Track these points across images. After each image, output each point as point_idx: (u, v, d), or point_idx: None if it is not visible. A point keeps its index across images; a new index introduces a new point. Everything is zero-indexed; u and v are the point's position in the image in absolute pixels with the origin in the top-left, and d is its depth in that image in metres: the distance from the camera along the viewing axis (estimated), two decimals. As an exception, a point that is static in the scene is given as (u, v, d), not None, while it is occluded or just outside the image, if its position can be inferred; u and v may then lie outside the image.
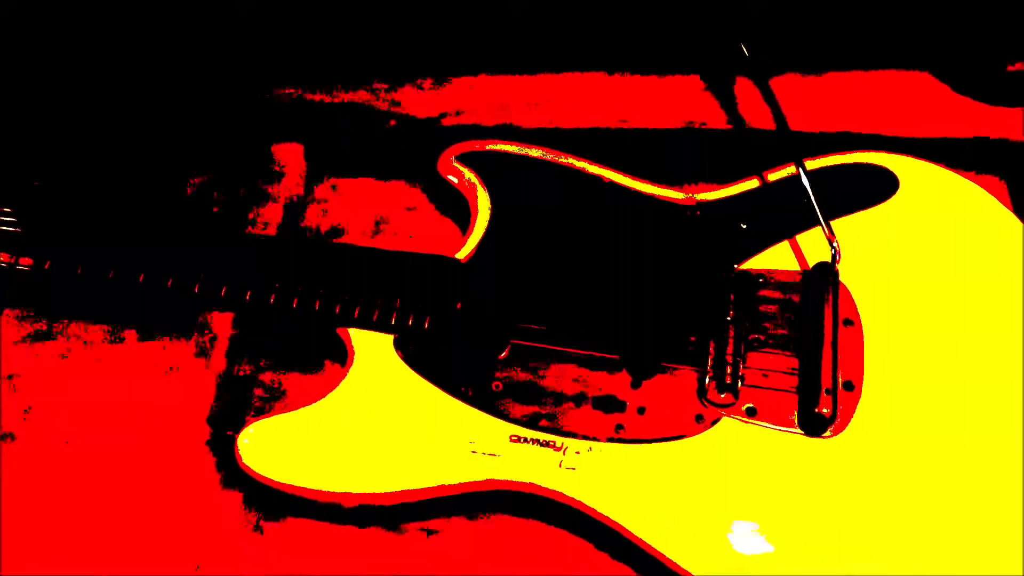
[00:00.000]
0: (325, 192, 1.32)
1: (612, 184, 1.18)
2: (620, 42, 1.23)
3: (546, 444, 1.00)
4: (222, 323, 1.13)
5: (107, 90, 1.30)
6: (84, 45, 1.30)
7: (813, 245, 1.11)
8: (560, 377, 1.04)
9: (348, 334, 1.09)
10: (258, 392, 1.14)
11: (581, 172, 1.19)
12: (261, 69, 1.29)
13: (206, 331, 1.12)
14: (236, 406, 1.12)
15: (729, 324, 1.05)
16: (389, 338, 1.08)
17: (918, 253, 1.10)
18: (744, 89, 1.23)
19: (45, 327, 1.21)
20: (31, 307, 1.22)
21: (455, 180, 1.21)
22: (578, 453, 0.99)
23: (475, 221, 1.17)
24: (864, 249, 1.10)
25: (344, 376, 1.06)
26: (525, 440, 1.00)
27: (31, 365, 1.19)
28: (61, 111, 1.31)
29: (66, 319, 1.21)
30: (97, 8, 1.25)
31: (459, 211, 1.24)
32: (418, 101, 1.27)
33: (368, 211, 1.31)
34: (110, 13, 1.25)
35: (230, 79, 1.29)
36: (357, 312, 1.08)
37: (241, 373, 1.14)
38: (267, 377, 1.15)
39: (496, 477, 0.99)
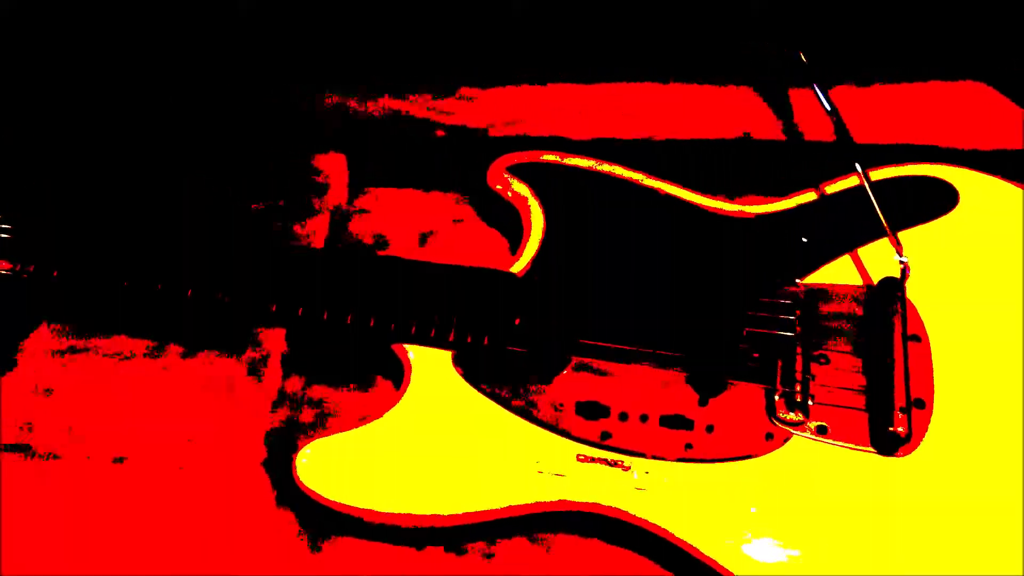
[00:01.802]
0: (368, 203, 1.29)
1: (667, 196, 1.16)
2: (674, 53, 1.21)
3: (614, 464, 0.98)
4: (274, 339, 1.10)
5: (147, 98, 1.28)
6: (122, 50, 1.28)
7: (875, 259, 1.09)
8: (625, 395, 1.02)
9: (405, 351, 1.07)
10: (312, 410, 1.12)
11: (635, 184, 1.18)
12: (305, 78, 1.27)
13: (258, 348, 1.10)
14: (290, 424, 1.09)
15: (796, 340, 1.03)
16: (447, 354, 1.06)
17: (981, 266, 1.09)
18: (798, 100, 1.22)
19: (84, 342, 1.19)
20: (71, 321, 1.20)
21: (505, 192, 1.19)
22: (647, 473, 0.97)
23: (528, 234, 1.15)
24: (926, 263, 1.09)
25: (402, 394, 1.04)
26: (592, 460, 0.99)
27: (71, 381, 1.17)
28: (97, 118, 1.29)
29: (107, 333, 1.19)
30: (141, 11, 1.23)
31: (507, 223, 1.22)
32: (467, 111, 1.26)
33: (413, 222, 1.28)
34: (156, 16, 1.23)
35: (274, 87, 1.27)
36: (414, 328, 1.06)
37: (294, 390, 1.12)
38: (321, 394, 1.13)
39: (563, 498, 0.97)
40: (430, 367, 1.06)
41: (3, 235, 1.14)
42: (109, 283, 1.12)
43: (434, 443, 1.01)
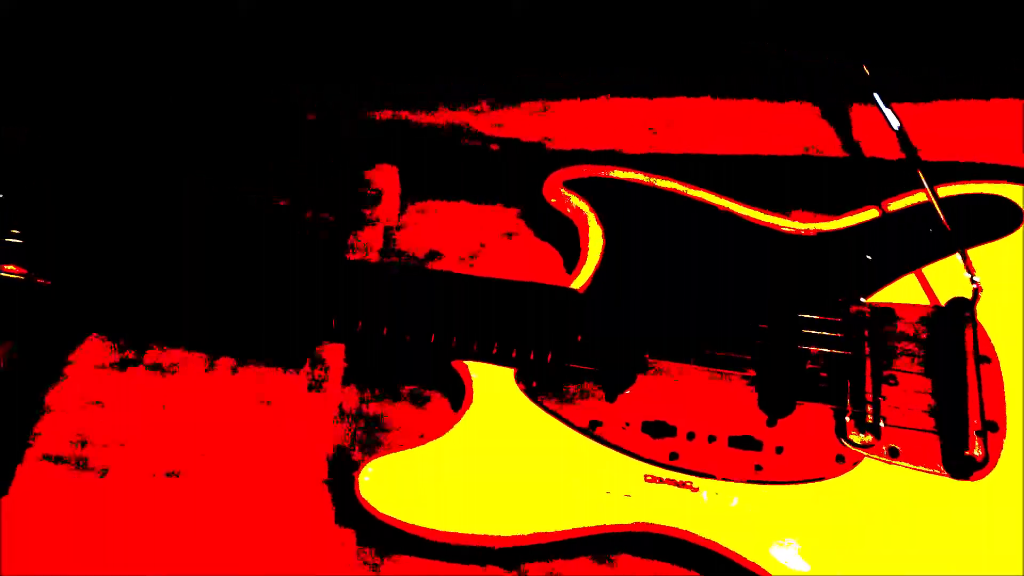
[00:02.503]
0: (420, 215, 1.28)
1: (727, 213, 1.15)
2: (733, 67, 1.20)
3: (682, 485, 0.97)
4: (334, 355, 1.09)
5: (204, 108, 1.27)
6: (172, 56, 1.28)
7: (940, 278, 1.08)
8: (691, 414, 1.01)
9: (466, 367, 1.06)
10: (371, 427, 1.10)
11: (694, 200, 1.16)
12: (356, 89, 1.26)
13: (318, 363, 1.09)
14: (350, 441, 1.08)
15: (866, 360, 1.02)
16: (509, 371, 1.05)
17: (1048, 286, 1.08)
18: (859, 116, 1.21)
19: (134, 355, 1.18)
20: (121, 333, 1.19)
21: (562, 206, 1.18)
22: (717, 494, 0.96)
23: (587, 250, 1.14)
24: (993, 283, 1.07)
25: (464, 411, 1.03)
26: (660, 480, 0.97)
27: (121, 394, 1.15)
28: (144, 125, 1.28)
29: (159, 345, 1.18)
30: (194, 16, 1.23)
31: (561, 238, 1.21)
32: (521, 124, 1.24)
33: (465, 236, 1.27)
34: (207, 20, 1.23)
35: (327, 99, 1.26)
36: (476, 345, 1.05)
37: (353, 407, 1.10)
38: (380, 411, 1.12)
39: (631, 519, 0.96)
40: (492, 384, 1.04)
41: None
42: (165, 296, 1.11)
43: (498, 461, 1.00)
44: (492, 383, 1.04)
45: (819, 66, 1.21)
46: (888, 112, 1.10)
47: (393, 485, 0.99)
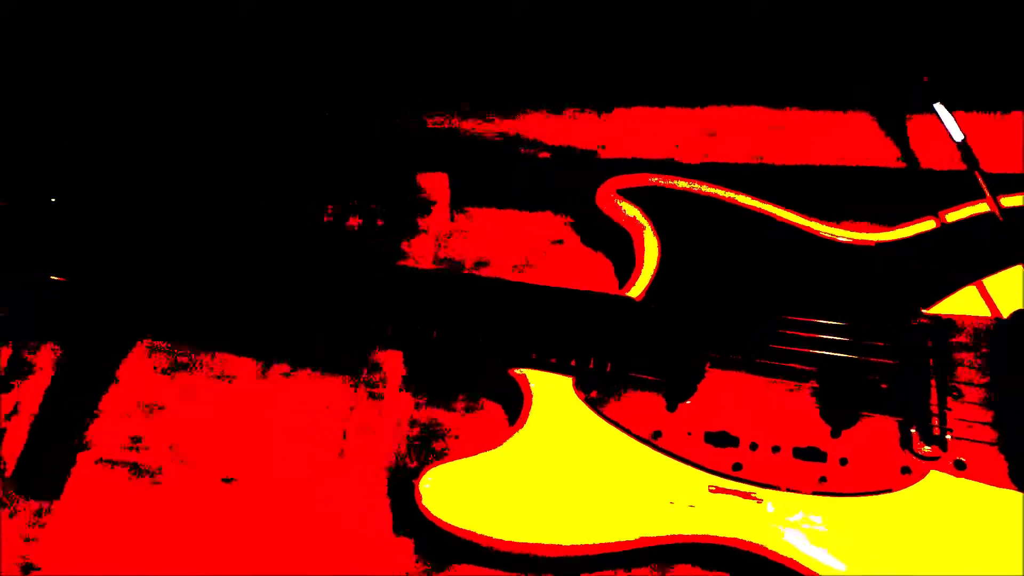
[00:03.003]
0: (469, 223, 1.28)
1: (784, 223, 1.15)
2: (791, 76, 1.20)
3: (747, 496, 0.96)
4: (392, 361, 1.09)
5: (251, 114, 1.27)
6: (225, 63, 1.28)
7: (1001, 290, 1.07)
8: (754, 425, 1.00)
9: (524, 376, 1.05)
10: (427, 435, 1.10)
11: (749, 210, 1.16)
12: (410, 96, 1.26)
13: (375, 370, 1.08)
14: (407, 449, 1.08)
15: (930, 372, 1.01)
16: (568, 380, 1.04)
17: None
18: (916, 126, 1.20)
19: (187, 359, 1.18)
20: (174, 337, 1.19)
21: (616, 214, 1.17)
22: (782, 506, 0.95)
23: (643, 259, 1.13)
24: (1054, 295, 1.07)
25: (524, 420, 1.03)
26: (724, 491, 0.97)
27: (174, 398, 1.15)
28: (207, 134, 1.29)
29: (211, 351, 1.18)
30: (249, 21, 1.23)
31: (612, 246, 1.21)
32: (573, 132, 1.24)
33: (514, 243, 1.27)
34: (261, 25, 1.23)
35: (380, 105, 1.26)
36: (535, 353, 1.05)
37: (409, 414, 1.10)
38: (436, 418, 1.11)
39: (696, 530, 0.95)
40: (551, 393, 1.04)
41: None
42: (218, 302, 1.11)
43: (558, 470, 0.99)
44: (551, 392, 1.04)
45: (877, 76, 1.20)
46: (951, 123, 1.09)
47: (454, 493, 0.98)
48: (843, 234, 1.14)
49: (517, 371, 1.05)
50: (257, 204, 1.26)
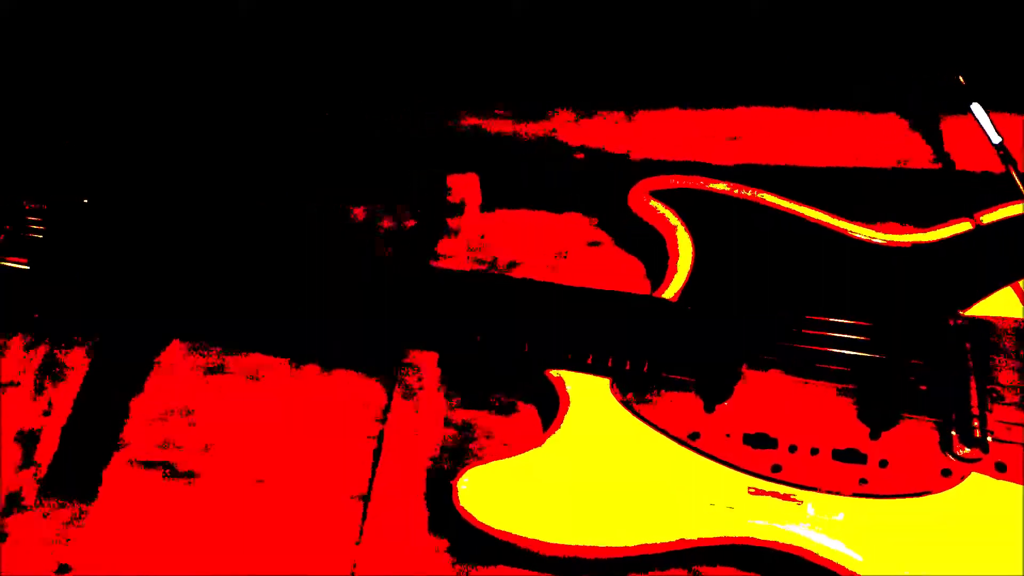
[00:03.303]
0: (500, 223, 1.28)
1: (818, 225, 1.14)
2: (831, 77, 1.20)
3: (786, 498, 0.96)
4: (427, 362, 1.09)
5: (291, 116, 1.27)
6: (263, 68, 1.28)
7: (1039, 292, 1.07)
8: (792, 426, 1.00)
9: (559, 377, 1.05)
10: (461, 434, 1.10)
11: (783, 211, 1.16)
12: (442, 97, 1.26)
13: (410, 371, 1.08)
14: (442, 449, 1.07)
15: (970, 374, 1.00)
16: (604, 381, 1.04)
17: None
18: (949, 127, 1.20)
19: (219, 359, 1.18)
20: (205, 338, 1.19)
21: (649, 216, 1.17)
22: (822, 508, 0.95)
23: (676, 260, 1.13)
24: (1092, 296, 1.06)
25: (561, 421, 1.02)
26: (764, 493, 0.96)
27: (207, 399, 1.15)
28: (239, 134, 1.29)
29: (243, 351, 1.18)
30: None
31: (644, 248, 1.20)
32: (605, 133, 1.24)
33: (545, 244, 1.27)
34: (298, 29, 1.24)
35: (412, 107, 1.26)
36: (571, 354, 1.04)
37: (444, 414, 1.10)
38: (471, 419, 1.11)
39: (736, 532, 0.95)
40: (588, 394, 1.03)
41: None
42: (250, 302, 1.11)
43: (597, 472, 0.99)
44: (588, 393, 1.04)
45: (910, 77, 1.20)
46: (988, 124, 1.09)
47: (492, 494, 0.98)
48: (878, 235, 1.13)
49: (553, 372, 1.05)
50: (294, 204, 1.26)
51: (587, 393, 1.04)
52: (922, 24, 1.18)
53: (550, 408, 1.06)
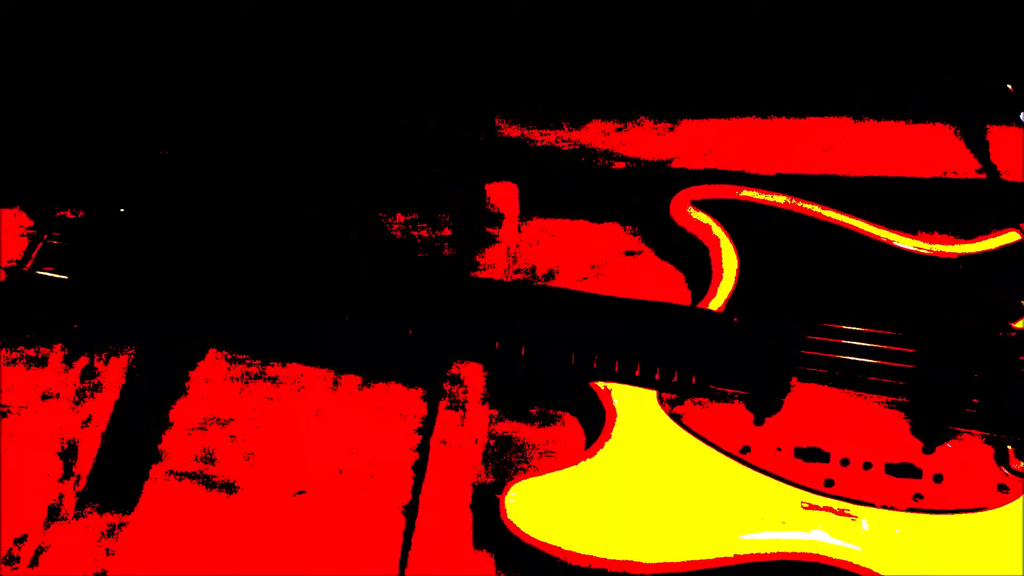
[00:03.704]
0: (539, 233, 1.27)
1: (863, 235, 1.13)
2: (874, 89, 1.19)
3: (841, 513, 0.95)
4: (472, 374, 1.08)
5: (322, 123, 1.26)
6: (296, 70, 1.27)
7: (1090, 304, 1.06)
8: (844, 440, 0.99)
9: (606, 389, 1.04)
10: (504, 447, 1.09)
11: (828, 222, 1.14)
12: (478, 107, 1.25)
13: (456, 383, 1.07)
14: (485, 462, 1.06)
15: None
16: (651, 393, 1.03)
17: None
18: (996, 137, 1.19)
19: (258, 369, 1.17)
20: (242, 347, 1.18)
21: (690, 226, 1.16)
22: (877, 523, 0.94)
23: (720, 270, 1.12)
24: None
25: (608, 434, 1.01)
26: (817, 508, 0.95)
27: (246, 408, 1.14)
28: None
29: (281, 360, 1.17)
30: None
31: (684, 257, 1.19)
32: (645, 143, 1.23)
33: (584, 254, 1.26)
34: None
35: (447, 115, 1.25)
36: (617, 365, 1.03)
37: (486, 426, 1.09)
38: (512, 431, 1.10)
39: (790, 549, 0.93)
40: (635, 406, 1.02)
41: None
42: (290, 313, 1.10)
43: (646, 485, 0.98)
44: (635, 405, 1.02)
45: (956, 86, 1.19)
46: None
47: (540, 508, 0.97)
48: (924, 246, 1.12)
49: (599, 384, 1.04)
50: (333, 208, 1.25)
51: (635, 405, 1.03)
52: (973, 32, 1.17)
53: (595, 420, 1.04)
